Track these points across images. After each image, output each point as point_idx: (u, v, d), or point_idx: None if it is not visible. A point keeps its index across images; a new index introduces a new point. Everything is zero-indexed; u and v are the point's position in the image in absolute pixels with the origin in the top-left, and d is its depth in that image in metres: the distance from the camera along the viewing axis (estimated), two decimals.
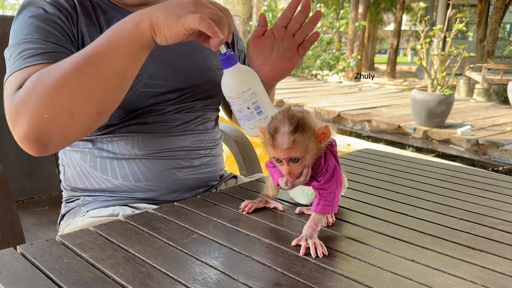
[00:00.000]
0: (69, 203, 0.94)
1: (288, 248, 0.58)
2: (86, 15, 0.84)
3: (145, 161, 0.87)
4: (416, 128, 5.79)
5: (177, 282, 0.49)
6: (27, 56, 0.74)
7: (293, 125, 0.57)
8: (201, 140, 0.93)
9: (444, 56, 5.42)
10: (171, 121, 0.89)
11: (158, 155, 0.87)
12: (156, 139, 0.87)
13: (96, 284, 0.48)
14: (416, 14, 7.39)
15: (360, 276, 0.52)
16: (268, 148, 0.60)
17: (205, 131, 0.94)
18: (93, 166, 0.88)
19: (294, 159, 0.58)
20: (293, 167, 0.60)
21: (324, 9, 11.86)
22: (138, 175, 0.86)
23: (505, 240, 0.64)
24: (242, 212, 0.71)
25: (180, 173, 0.89)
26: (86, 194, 0.91)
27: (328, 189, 0.62)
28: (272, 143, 0.58)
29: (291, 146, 0.57)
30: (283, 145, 0.57)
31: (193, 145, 0.91)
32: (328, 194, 0.61)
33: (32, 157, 0.77)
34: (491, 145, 5.07)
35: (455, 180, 0.95)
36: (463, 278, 0.52)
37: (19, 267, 0.51)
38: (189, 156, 0.90)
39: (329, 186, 0.61)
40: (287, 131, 0.57)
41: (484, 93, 8.82)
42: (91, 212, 0.87)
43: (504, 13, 10.35)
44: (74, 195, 0.93)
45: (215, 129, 0.99)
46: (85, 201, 0.91)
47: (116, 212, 0.85)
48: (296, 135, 0.57)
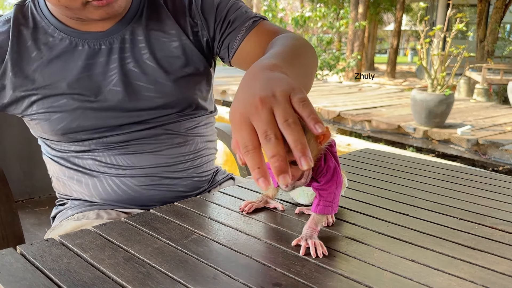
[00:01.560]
0: (59, 206, 0.95)
1: (288, 248, 0.58)
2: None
3: (117, 179, 0.86)
4: (416, 128, 5.79)
5: (177, 282, 0.49)
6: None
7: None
8: (179, 153, 0.89)
9: (444, 56, 5.42)
10: (141, 138, 0.86)
11: (132, 173, 0.86)
12: (127, 156, 0.86)
13: (96, 284, 0.48)
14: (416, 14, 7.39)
15: (360, 276, 0.51)
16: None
17: (183, 143, 0.89)
18: (71, 179, 0.89)
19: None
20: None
21: (324, 9, 11.86)
22: (113, 191, 0.87)
23: (505, 240, 0.64)
24: (242, 212, 0.71)
25: (159, 187, 0.87)
26: (74, 198, 0.92)
27: (328, 190, 0.61)
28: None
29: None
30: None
31: (169, 160, 0.88)
32: (328, 194, 0.61)
33: (32, 157, 0.78)
34: (491, 145, 5.07)
35: (455, 180, 0.95)
36: (463, 278, 0.52)
37: (19, 267, 0.51)
38: (167, 170, 0.88)
39: (329, 187, 0.61)
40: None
41: (484, 93, 8.82)
42: (76, 216, 0.87)
43: (504, 13, 10.34)
44: (63, 198, 0.94)
45: (195, 139, 0.92)
46: (72, 205, 0.91)
47: (101, 215, 0.85)
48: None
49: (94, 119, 0.82)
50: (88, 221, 0.83)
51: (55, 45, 0.82)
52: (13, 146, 1.22)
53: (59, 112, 0.81)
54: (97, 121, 0.82)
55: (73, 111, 0.81)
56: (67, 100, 0.81)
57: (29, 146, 1.26)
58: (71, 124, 0.82)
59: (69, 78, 0.81)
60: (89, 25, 0.83)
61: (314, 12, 11.84)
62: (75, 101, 0.81)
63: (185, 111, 0.89)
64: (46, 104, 0.81)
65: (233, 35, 0.88)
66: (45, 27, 0.83)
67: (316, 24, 11.95)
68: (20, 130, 1.25)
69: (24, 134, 1.25)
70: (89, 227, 0.64)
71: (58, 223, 0.90)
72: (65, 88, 0.81)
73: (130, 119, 0.84)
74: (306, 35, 12.59)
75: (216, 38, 0.90)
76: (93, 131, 0.83)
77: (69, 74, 0.81)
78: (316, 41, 12.07)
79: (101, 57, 0.83)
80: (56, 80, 0.81)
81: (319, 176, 0.61)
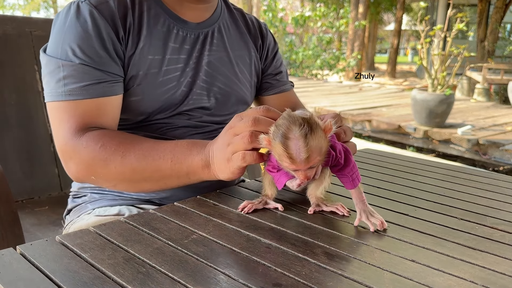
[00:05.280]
0: (76, 199, 0.95)
1: (288, 248, 0.58)
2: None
3: None
4: (416, 128, 5.79)
5: (177, 282, 0.49)
6: (73, 87, 0.78)
7: (307, 134, 0.57)
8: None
9: (445, 56, 5.42)
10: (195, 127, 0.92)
11: None
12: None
13: (96, 284, 0.48)
14: (417, 14, 7.38)
15: (360, 276, 0.51)
16: (283, 162, 0.60)
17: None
18: None
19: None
20: (310, 172, 0.60)
21: (324, 9, 11.86)
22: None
23: (505, 240, 0.64)
24: (241, 212, 0.70)
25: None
26: (94, 192, 0.91)
27: (350, 164, 0.66)
28: (290, 158, 0.58)
29: (310, 155, 0.58)
30: (302, 158, 0.58)
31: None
32: (351, 169, 0.66)
33: (32, 157, 0.78)
34: (492, 145, 5.07)
35: (455, 180, 0.95)
36: (464, 278, 0.52)
37: (18, 267, 0.51)
38: None
39: (349, 162, 0.66)
40: (304, 144, 0.57)
41: (485, 93, 8.82)
42: (97, 211, 0.88)
43: (505, 13, 10.34)
44: (82, 191, 0.94)
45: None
46: (92, 198, 0.91)
47: (122, 212, 0.85)
48: (312, 143, 0.57)
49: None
50: (109, 217, 0.83)
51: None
52: (13, 146, 1.22)
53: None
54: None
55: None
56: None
57: (29, 146, 1.26)
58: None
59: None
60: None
61: (314, 12, 11.84)
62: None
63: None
64: None
65: (275, 84, 1.08)
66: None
67: (316, 24, 11.95)
68: (20, 130, 1.25)
69: (24, 134, 1.25)
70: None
71: (76, 217, 0.90)
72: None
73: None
74: (306, 34, 12.59)
75: (264, 72, 1.07)
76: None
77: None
78: (316, 41, 12.07)
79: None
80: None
81: (335, 164, 0.65)
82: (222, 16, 0.98)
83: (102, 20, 0.80)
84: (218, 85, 0.93)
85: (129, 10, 0.84)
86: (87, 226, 0.64)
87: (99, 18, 0.80)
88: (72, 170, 0.79)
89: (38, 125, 1.28)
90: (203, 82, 0.91)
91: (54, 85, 0.78)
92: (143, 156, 0.74)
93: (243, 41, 1.01)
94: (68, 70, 0.77)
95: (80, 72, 0.77)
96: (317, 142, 0.58)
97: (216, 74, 0.93)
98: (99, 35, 0.79)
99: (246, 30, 1.03)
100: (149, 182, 0.77)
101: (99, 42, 0.79)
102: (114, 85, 0.81)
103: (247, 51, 1.01)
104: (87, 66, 0.78)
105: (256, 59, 1.03)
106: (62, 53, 0.78)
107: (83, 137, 0.76)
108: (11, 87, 1.25)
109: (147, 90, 0.84)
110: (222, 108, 0.95)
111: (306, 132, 0.57)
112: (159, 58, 0.85)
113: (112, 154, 0.74)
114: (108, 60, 0.80)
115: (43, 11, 24.65)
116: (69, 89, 0.77)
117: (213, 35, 0.94)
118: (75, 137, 0.76)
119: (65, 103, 0.77)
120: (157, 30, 0.86)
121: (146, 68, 0.84)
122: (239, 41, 1.00)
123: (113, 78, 0.80)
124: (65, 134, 0.77)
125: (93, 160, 0.75)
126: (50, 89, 0.78)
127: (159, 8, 0.88)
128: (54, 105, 0.79)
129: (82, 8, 0.80)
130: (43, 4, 23.85)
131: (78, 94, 0.77)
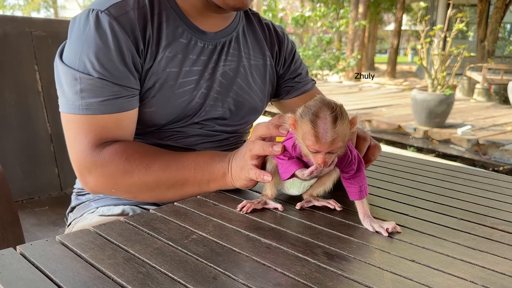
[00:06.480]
0: (80, 196, 0.95)
1: (288, 248, 0.58)
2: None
3: None
4: (416, 128, 5.79)
5: (177, 282, 0.49)
6: (90, 101, 0.77)
7: (337, 118, 0.58)
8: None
9: (445, 56, 5.42)
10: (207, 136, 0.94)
11: None
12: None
13: (96, 284, 0.48)
14: (417, 14, 7.38)
15: (360, 276, 0.51)
16: (307, 141, 0.60)
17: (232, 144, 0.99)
18: None
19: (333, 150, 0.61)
20: (329, 157, 0.60)
21: (324, 9, 11.85)
22: None
23: (505, 240, 0.64)
24: (241, 212, 0.70)
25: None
26: None
27: (361, 174, 0.66)
28: (316, 136, 0.59)
29: (335, 139, 0.59)
30: (327, 139, 0.58)
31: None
32: (361, 179, 0.67)
33: (32, 157, 0.78)
34: (492, 145, 5.07)
35: (455, 180, 0.95)
36: (464, 278, 0.52)
37: (19, 267, 0.51)
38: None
39: (361, 171, 0.66)
40: (333, 126, 0.58)
41: (485, 93, 8.82)
42: (101, 210, 0.88)
43: (505, 13, 10.34)
44: (84, 189, 0.93)
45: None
46: (96, 196, 0.91)
47: (126, 212, 0.85)
48: (340, 128, 0.59)
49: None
50: (113, 217, 0.83)
51: None
52: (13, 146, 1.22)
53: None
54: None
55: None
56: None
57: (29, 146, 1.26)
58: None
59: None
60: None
61: (314, 12, 11.83)
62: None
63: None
64: None
65: (296, 86, 1.08)
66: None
67: (316, 24, 11.94)
68: (20, 130, 1.25)
69: (24, 134, 1.25)
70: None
71: (80, 215, 0.90)
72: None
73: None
74: (306, 34, 12.59)
75: (283, 77, 1.07)
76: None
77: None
78: (316, 41, 12.07)
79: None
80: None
81: (347, 165, 0.66)
82: (240, 23, 0.97)
83: (122, 33, 0.78)
84: (232, 96, 0.93)
85: (149, 22, 0.82)
86: (90, 225, 0.64)
87: (119, 31, 0.77)
88: (91, 184, 0.79)
89: (38, 125, 1.28)
90: (217, 93, 0.91)
91: (72, 97, 0.77)
92: (167, 166, 0.76)
93: (258, 48, 1.00)
94: (85, 84, 0.76)
95: (98, 87, 0.77)
96: (344, 129, 0.60)
97: (230, 84, 0.93)
98: (118, 49, 0.77)
99: (263, 36, 1.02)
100: (171, 191, 0.78)
101: (118, 56, 0.78)
102: (131, 99, 0.80)
103: (262, 60, 1.00)
104: (105, 80, 0.77)
105: (271, 67, 1.02)
106: (80, 65, 0.77)
107: (104, 151, 0.76)
108: (11, 87, 1.25)
109: (161, 102, 0.84)
110: (235, 118, 0.95)
111: (337, 115, 0.59)
112: (176, 71, 0.85)
113: (137, 167, 0.76)
114: (127, 74, 0.79)
115: (43, 11, 24.65)
116: (87, 103, 0.76)
117: (230, 45, 0.93)
118: (95, 151, 0.77)
119: (82, 117, 0.77)
120: (176, 42, 0.85)
121: (163, 81, 0.84)
122: (255, 49, 0.99)
123: (130, 93, 0.80)
124: (83, 148, 0.77)
125: (116, 173, 0.76)
126: (67, 100, 0.78)
127: (177, 18, 0.86)
128: (71, 117, 0.78)
129: (102, 19, 0.77)
130: (43, 4, 23.85)
131: (96, 109, 0.77)
